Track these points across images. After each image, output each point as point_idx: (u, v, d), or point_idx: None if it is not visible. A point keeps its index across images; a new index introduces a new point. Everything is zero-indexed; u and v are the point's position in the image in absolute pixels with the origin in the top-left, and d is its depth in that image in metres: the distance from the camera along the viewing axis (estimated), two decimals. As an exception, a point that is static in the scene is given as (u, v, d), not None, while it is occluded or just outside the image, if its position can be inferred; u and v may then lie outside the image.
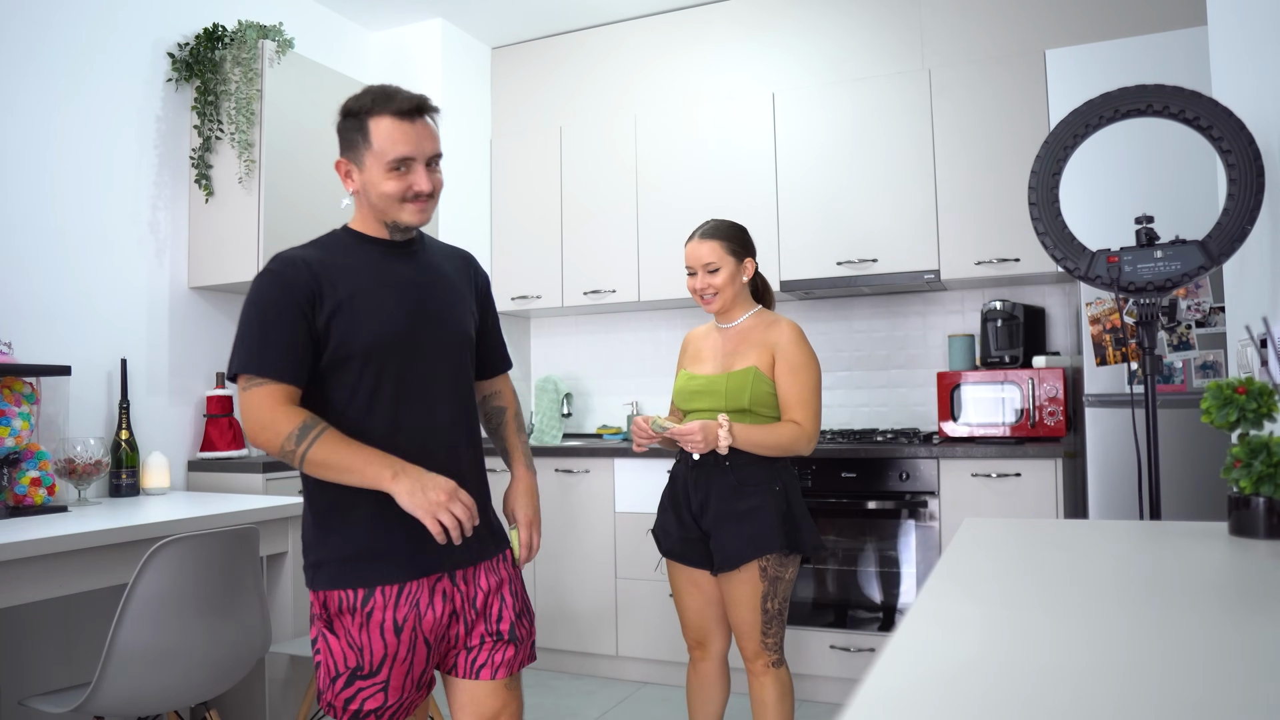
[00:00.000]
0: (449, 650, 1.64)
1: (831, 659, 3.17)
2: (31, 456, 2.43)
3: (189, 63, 3.12)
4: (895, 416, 3.77)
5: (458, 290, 1.73)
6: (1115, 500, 2.79)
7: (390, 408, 1.58)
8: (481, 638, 1.64)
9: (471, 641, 1.63)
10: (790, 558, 2.18)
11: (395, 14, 3.97)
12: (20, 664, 2.51)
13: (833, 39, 3.70)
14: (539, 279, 4.10)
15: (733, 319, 2.32)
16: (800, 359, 2.22)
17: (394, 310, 1.59)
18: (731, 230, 2.29)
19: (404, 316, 1.59)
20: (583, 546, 3.61)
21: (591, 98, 4.13)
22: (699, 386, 2.27)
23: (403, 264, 1.65)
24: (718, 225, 2.30)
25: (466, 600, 1.63)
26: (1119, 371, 2.81)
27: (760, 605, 2.15)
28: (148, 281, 3.05)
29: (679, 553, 2.26)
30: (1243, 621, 0.85)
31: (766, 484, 2.17)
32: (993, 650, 0.76)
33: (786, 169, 3.63)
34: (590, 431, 4.30)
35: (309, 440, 1.47)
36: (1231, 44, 2.01)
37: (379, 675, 1.54)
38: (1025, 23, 3.38)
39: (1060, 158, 1.99)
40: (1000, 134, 3.29)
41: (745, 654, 2.20)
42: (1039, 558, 1.18)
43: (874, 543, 3.18)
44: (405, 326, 1.59)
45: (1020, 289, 3.57)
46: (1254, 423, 1.19)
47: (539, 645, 3.68)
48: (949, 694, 0.65)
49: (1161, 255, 1.90)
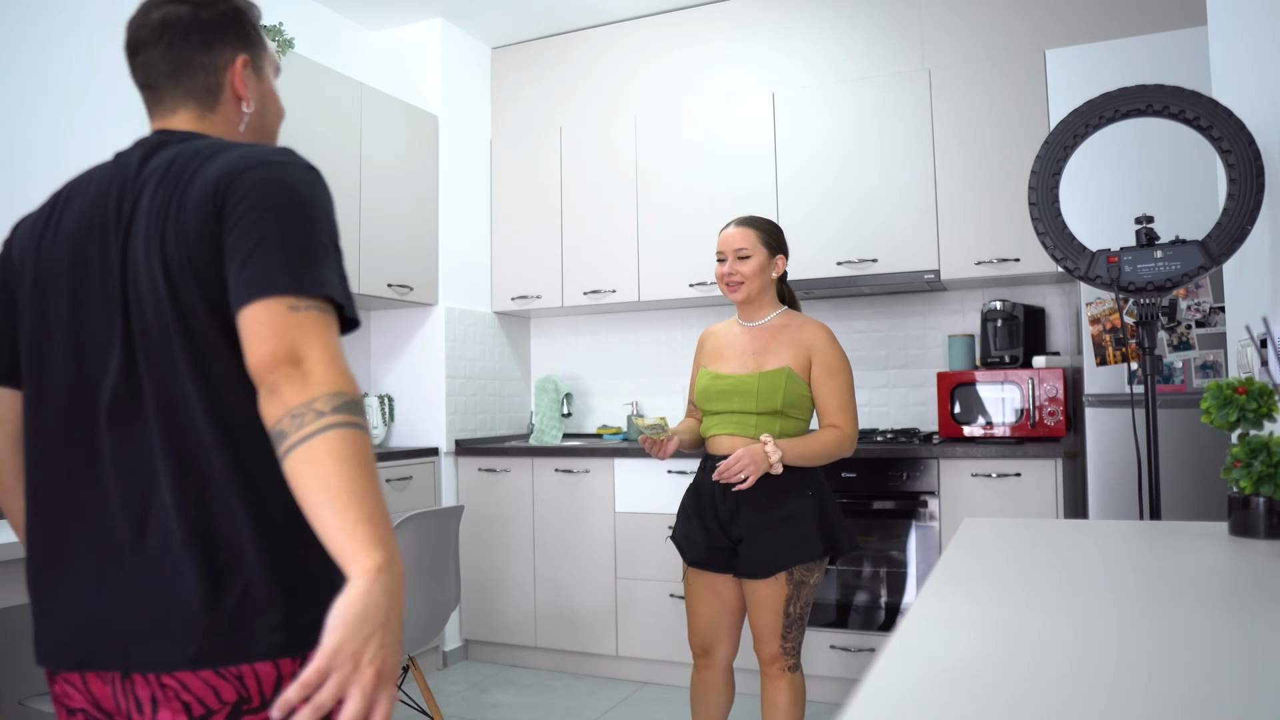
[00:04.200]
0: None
1: (832, 659, 3.17)
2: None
3: (189, 63, 3.11)
4: (895, 416, 3.77)
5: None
6: (1115, 500, 2.79)
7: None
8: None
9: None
10: (817, 563, 2.16)
11: (395, 14, 3.97)
12: (20, 664, 2.51)
13: (833, 39, 3.70)
14: (539, 279, 4.10)
15: (759, 316, 2.29)
16: (837, 362, 2.20)
17: None
18: (768, 224, 2.30)
19: None
20: (583, 546, 3.61)
21: (591, 98, 4.13)
22: (727, 386, 2.22)
23: None
24: (756, 217, 2.31)
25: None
26: (1119, 371, 2.81)
27: (783, 609, 2.13)
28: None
29: (704, 561, 2.22)
30: (1242, 621, 0.85)
31: (800, 489, 2.15)
32: (993, 650, 0.76)
33: (786, 169, 3.63)
34: (590, 431, 4.30)
35: (347, 419, 0.92)
36: (1231, 44, 2.01)
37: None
38: (1025, 23, 3.38)
39: (1060, 158, 1.99)
40: (1000, 134, 3.29)
41: (762, 657, 2.18)
42: (1039, 558, 1.18)
43: (874, 543, 3.18)
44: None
45: (1020, 289, 3.57)
46: (1254, 423, 1.19)
47: (540, 645, 3.69)
48: (949, 694, 0.65)
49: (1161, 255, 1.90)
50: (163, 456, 0.99)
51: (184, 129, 1.12)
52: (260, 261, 0.95)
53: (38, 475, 1.06)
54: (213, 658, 0.96)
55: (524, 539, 3.73)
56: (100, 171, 1.10)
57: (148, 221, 1.01)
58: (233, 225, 0.97)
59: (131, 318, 1.01)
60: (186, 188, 1.00)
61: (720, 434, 2.23)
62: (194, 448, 0.99)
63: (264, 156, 1.03)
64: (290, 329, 0.93)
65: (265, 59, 1.20)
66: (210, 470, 0.99)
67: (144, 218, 1.01)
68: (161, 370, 0.99)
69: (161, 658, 0.96)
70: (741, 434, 2.19)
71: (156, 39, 1.12)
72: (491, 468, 3.80)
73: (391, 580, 0.88)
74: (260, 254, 0.95)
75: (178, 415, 0.99)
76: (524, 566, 3.73)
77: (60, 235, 1.08)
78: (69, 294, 1.05)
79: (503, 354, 4.26)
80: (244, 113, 1.17)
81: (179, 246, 0.98)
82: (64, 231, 1.07)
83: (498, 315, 4.23)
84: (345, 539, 0.88)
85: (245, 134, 1.18)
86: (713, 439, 2.25)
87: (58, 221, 1.09)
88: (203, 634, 0.96)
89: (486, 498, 3.80)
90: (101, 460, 1.02)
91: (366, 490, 0.89)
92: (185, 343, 0.99)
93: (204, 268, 0.98)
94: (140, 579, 0.99)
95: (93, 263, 1.04)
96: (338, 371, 0.93)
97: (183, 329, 0.99)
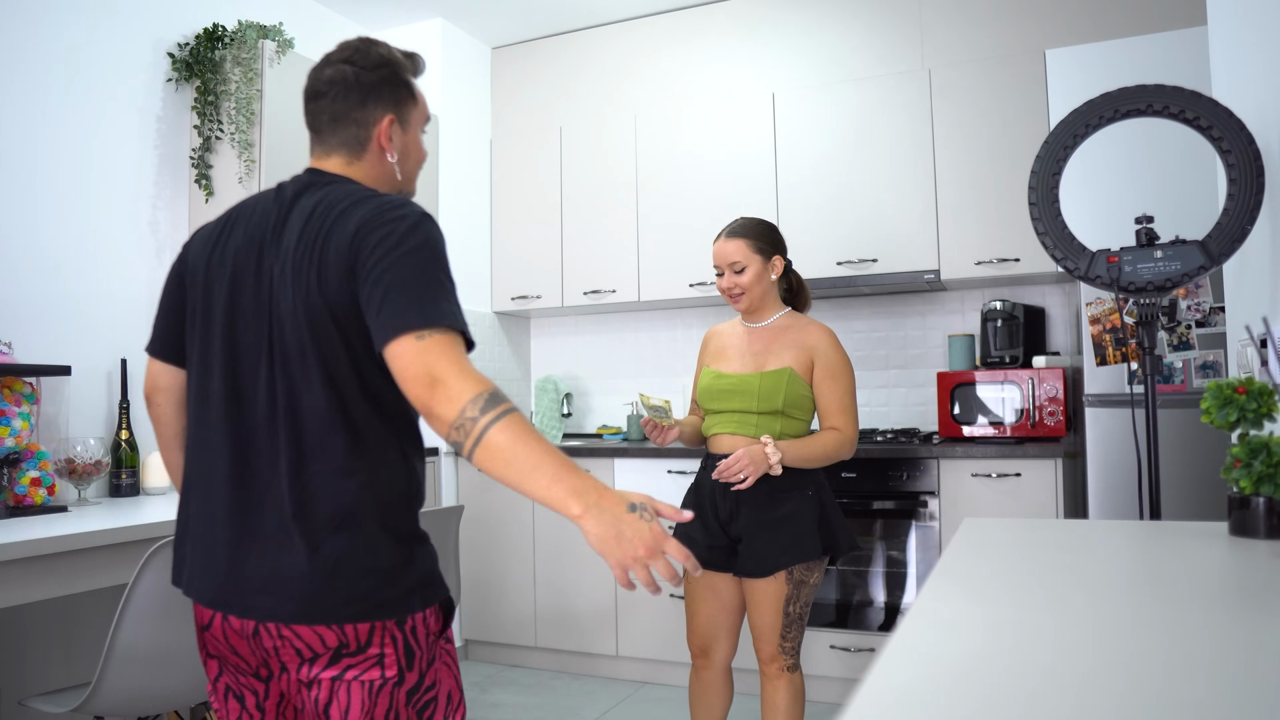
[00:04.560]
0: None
1: (832, 659, 3.17)
2: (31, 456, 2.43)
3: (189, 63, 3.12)
4: (895, 416, 3.77)
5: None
6: (1115, 500, 2.79)
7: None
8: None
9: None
10: (817, 562, 2.16)
11: (395, 14, 3.97)
12: (20, 664, 2.51)
13: (833, 39, 3.70)
14: (539, 279, 4.10)
15: (762, 318, 2.28)
16: (840, 364, 2.20)
17: None
18: (759, 228, 2.26)
19: None
20: (583, 546, 3.61)
21: (591, 98, 4.13)
22: (729, 385, 2.22)
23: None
24: (745, 223, 2.27)
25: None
26: (1119, 371, 2.81)
27: (783, 608, 2.14)
28: (148, 281, 3.05)
29: (704, 560, 2.21)
30: (1243, 621, 0.85)
31: (800, 489, 2.15)
32: (993, 650, 0.76)
33: (786, 169, 3.63)
34: (590, 431, 4.30)
35: (494, 415, 1.10)
36: (1231, 44, 2.01)
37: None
38: (1025, 23, 3.38)
39: (1060, 158, 1.99)
40: (1000, 134, 3.29)
41: (761, 656, 2.18)
42: (1039, 558, 1.18)
43: (874, 543, 3.18)
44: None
45: (1020, 289, 3.57)
46: (1254, 423, 1.19)
47: (540, 645, 3.69)
48: (949, 694, 0.65)
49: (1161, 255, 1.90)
50: (285, 449, 1.21)
51: (333, 171, 1.35)
52: (390, 307, 1.15)
53: (199, 446, 1.30)
54: (311, 616, 1.18)
55: (524, 539, 3.73)
56: (264, 199, 1.34)
57: (294, 257, 1.23)
58: (365, 277, 1.18)
59: (274, 330, 1.24)
60: (327, 239, 1.22)
61: (721, 433, 2.23)
62: (309, 445, 1.20)
63: (387, 212, 1.22)
64: (422, 356, 1.12)
65: (413, 115, 1.40)
66: (320, 465, 1.20)
67: (290, 252, 1.24)
68: (291, 379, 1.21)
69: (273, 610, 1.19)
70: (743, 433, 2.19)
71: (325, 92, 1.35)
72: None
73: (599, 511, 1.11)
74: (389, 301, 1.15)
75: (300, 417, 1.21)
76: (524, 566, 3.73)
77: (226, 251, 1.31)
78: (226, 302, 1.28)
79: (503, 354, 4.26)
80: (388, 161, 1.38)
81: (319, 283, 1.20)
82: (229, 249, 1.31)
83: (498, 315, 4.23)
84: (550, 503, 1.11)
85: (386, 176, 1.38)
86: (714, 438, 2.25)
87: (226, 239, 1.32)
88: (301, 595, 1.18)
89: (486, 498, 3.80)
90: (242, 443, 1.25)
91: (540, 457, 1.10)
92: (316, 359, 1.21)
93: (337, 304, 1.20)
94: (259, 545, 1.21)
95: (248, 279, 1.27)
96: (470, 378, 1.12)
97: (316, 349, 1.21)
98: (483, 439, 1.09)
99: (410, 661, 1.24)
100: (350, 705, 1.21)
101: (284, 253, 1.24)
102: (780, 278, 2.30)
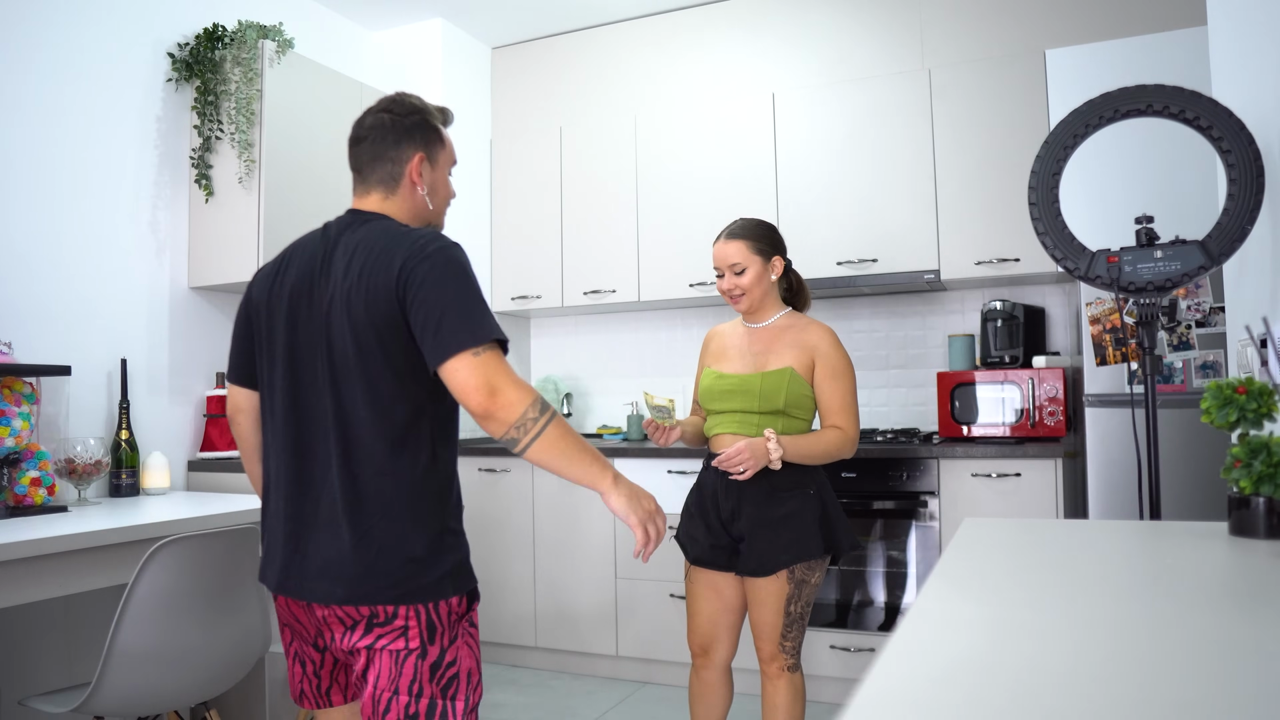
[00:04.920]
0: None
1: (832, 659, 3.17)
2: (31, 456, 2.43)
3: (189, 63, 3.12)
4: (895, 416, 3.77)
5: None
6: (1115, 500, 2.79)
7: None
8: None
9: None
10: (819, 562, 2.16)
11: (395, 14, 3.97)
12: (20, 664, 2.51)
13: (833, 39, 3.70)
14: (539, 279, 4.10)
15: (763, 318, 2.29)
16: (841, 364, 2.20)
17: None
18: (758, 229, 2.26)
19: None
20: (583, 546, 3.61)
21: (591, 98, 4.13)
22: (730, 386, 2.22)
23: None
24: (744, 224, 2.27)
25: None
26: (1119, 371, 2.81)
27: (784, 608, 2.13)
28: (148, 281, 3.05)
29: (707, 559, 2.22)
30: (1242, 621, 0.85)
31: (801, 488, 2.15)
32: (992, 650, 0.76)
33: (786, 169, 3.63)
34: (590, 431, 4.30)
35: (548, 416, 1.39)
36: (1231, 44, 2.01)
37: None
38: (1025, 23, 3.38)
39: (1060, 158, 1.99)
40: (1000, 134, 3.29)
41: (762, 655, 2.18)
42: (1039, 558, 1.18)
43: (874, 543, 3.18)
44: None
45: (1020, 289, 3.57)
46: (1254, 423, 1.19)
47: (540, 645, 3.69)
48: (949, 694, 0.65)
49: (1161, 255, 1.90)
50: (335, 452, 1.42)
51: (370, 209, 1.55)
52: (442, 330, 1.36)
53: (270, 455, 1.53)
54: (355, 598, 1.39)
55: (524, 539, 3.73)
56: (312, 238, 1.55)
57: (343, 288, 1.43)
58: (414, 305, 1.38)
59: (326, 353, 1.44)
60: (374, 273, 1.41)
61: (723, 433, 2.23)
62: (357, 448, 1.42)
63: (425, 247, 1.42)
64: (481, 369, 1.35)
65: (441, 156, 1.62)
66: (367, 466, 1.41)
67: (339, 284, 1.44)
68: (339, 395, 1.43)
69: (326, 594, 1.40)
70: (744, 433, 2.19)
71: (365, 136, 1.56)
72: (492, 468, 3.80)
73: (622, 484, 1.48)
74: (440, 324, 1.36)
75: (348, 424, 1.42)
76: (524, 566, 3.73)
77: (283, 287, 1.52)
78: (285, 332, 1.50)
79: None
80: (419, 194, 1.58)
81: (367, 312, 1.40)
82: (286, 284, 1.52)
83: (498, 315, 4.23)
84: (590, 480, 1.44)
85: (419, 208, 1.58)
86: (716, 438, 2.26)
87: (283, 276, 1.53)
88: (348, 579, 1.39)
89: (487, 498, 3.80)
90: (301, 451, 1.47)
91: (581, 450, 1.43)
92: (361, 376, 1.41)
93: (384, 328, 1.40)
94: (316, 535, 1.43)
95: (302, 309, 1.48)
96: (524, 389, 1.37)
97: (362, 368, 1.41)
98: (542, 434, 1.38)
99: (432, 635, 1.42)
100: (381, 672, 1.41)
101: (333, 285, 1.44)
102: (780, 278, 2.30)
